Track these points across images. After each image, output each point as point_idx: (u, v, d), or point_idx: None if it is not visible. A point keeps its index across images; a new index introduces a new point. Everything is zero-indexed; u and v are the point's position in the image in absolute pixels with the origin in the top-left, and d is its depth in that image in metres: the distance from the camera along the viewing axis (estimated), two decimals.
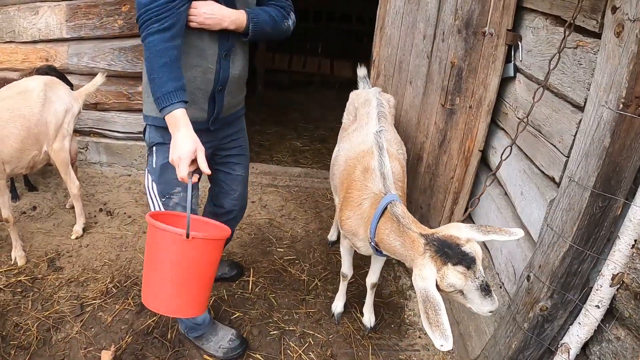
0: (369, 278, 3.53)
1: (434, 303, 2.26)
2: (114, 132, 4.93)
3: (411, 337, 3.62)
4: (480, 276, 2.33)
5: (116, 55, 4.59)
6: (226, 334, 3.39)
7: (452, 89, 3.39)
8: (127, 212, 4.62)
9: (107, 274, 3.88)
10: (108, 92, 4.74)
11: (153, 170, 2.81)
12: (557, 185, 2.45)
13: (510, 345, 2.62)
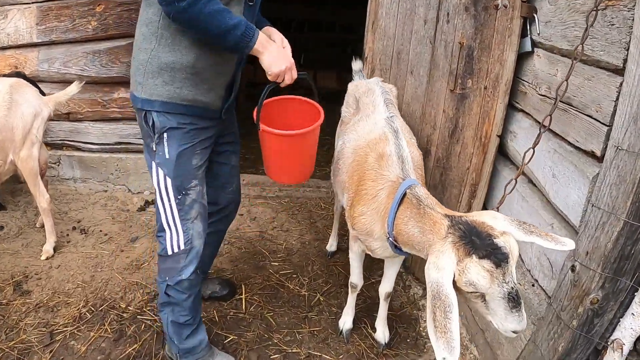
0: (382, 287, 3.00)
1: (445, 302, 1.78)
2: (88, 144, 4.37)
3: (430, 351, 3.08)
4: (510, 282, 1.82)
5: (90, 59, 4.07)
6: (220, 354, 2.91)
7: (462, 71, 2.97)
8: (104, 229, 4.03)
9: (81, 298, 3.29)
10: (81, 101, 4.20)
11: (166, 162, 2.41)
12: (599, 159, 2.12)
13: (556, 348, 2.22)
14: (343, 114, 3.29)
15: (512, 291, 1.84)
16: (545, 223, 2.48)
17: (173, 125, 2.36)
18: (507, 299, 1.84)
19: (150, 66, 2.27)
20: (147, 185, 4.46)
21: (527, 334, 2.51)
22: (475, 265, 1.83)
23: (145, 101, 2.33)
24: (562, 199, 2.37)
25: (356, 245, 2.81)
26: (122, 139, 4.33)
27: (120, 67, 4.08)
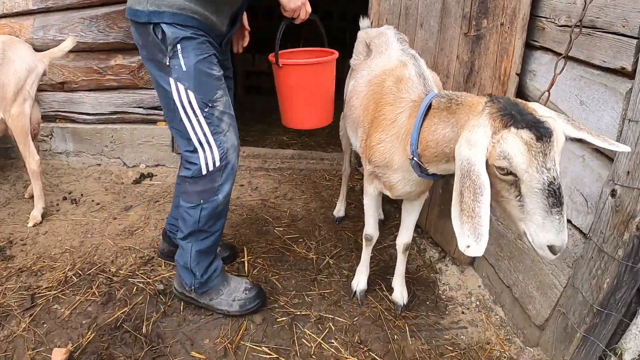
0: (400, 238, 2.66)
1: (476, 183, 1.54)
2: (82, 115, 4.06)
3: (453, 313, 2.73)
4: (553, 169, 1.50)
5: (86, 25, 3.80)
6: (239, 284, 2.69)
7: (477, 13, 2.74)
8: (96, 199, 3.68)
9: (67, 262, 2.94)
10: (76, 69, 3.92)
11: (185, 75, 2.22)
12: (630, 74, 1.93)
13: (600, 286, 2.01)
14: (352, 63, 3.03)
15: (554, 183, 1.51)
16: (575, 156, 2.22)
17: (187, 35, 2.18)
18: (547, 192, 1.51)
19: None
20: (143, 157, 4.15)
21: (563, 280, 2.24)
22: (513, 135, 1.53)
23: (153, 13, 2.13)
24: (593, 125, 2.14)
25: (372, 187, 2.49)
26: (118, 108, 4.02)
27: (118, 32, 3.81)
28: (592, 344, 2.11)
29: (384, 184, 2.38)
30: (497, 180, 1.62)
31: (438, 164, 1.97)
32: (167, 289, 2.75)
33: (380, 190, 2.49)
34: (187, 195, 2.43)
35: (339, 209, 3.59)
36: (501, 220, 2.73)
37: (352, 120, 2.63)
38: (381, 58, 2.60)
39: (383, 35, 2.79)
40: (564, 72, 2.28)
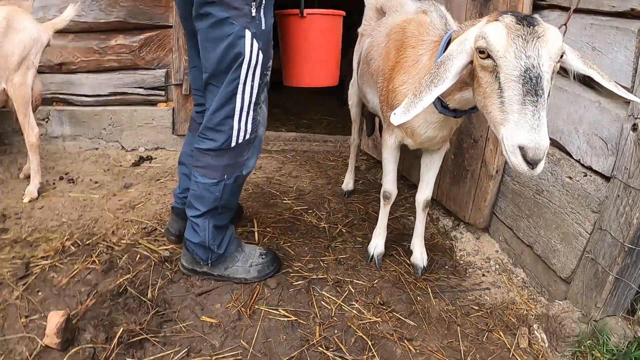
0: (420, 194, 2.47)
1: (440, 72, 1.57)
2: (80, 97, 3.80)
3: (473, 276, 2.53)
4: (533, 57, 1.38)
5: (88, 4, 3.56)
6: (253, 249, 2.48)
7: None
8: (94, 179, 3.40)
9: (65, 233, 2.66)
10: (76, 49, 3.67)
11: (262, 34, 2.04)
12: (639, 16, 1.91)
13: (631, 222, 1.89)
14: (362, 29, 2.88)
15: (532, 70, 1.38)
16: (591, 102, 2.13)
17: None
18: (523, 79, 1.38)
19: None
20: (142, 141, 3.89)
21: (588, 226, 2.09)
22: (496, 22, 1.47)
23: None
24: (607, 67, 2.06)
25: (392, 138, 2.30)
26: (118, 88, 3.78)
27: (120, 11, 3.59)
28: (625, 287, 1.96)
29: (404, 131, 2.20)
30: (480, 70, 1.52)
31: (457, 94, 1.81)
32: (173, 257, 2.49)
33: (400, 141, 2.30)
34: (208, 170, 2.19)
35: (348, 182, 3.39)
36: (516, 179, 2.58)
37: (369, 74, 2.46)
38: (399, 13, 2.47)
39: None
40: (574, 23, 2.24)
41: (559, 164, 2.30)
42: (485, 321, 2.20)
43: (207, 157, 2.17)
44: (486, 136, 2.70)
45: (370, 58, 2.43)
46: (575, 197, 2.18)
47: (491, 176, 2.68)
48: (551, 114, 2.39)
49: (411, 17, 2.23)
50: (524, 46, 1.40)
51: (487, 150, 2.69)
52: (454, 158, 2.92)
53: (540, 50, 1.41)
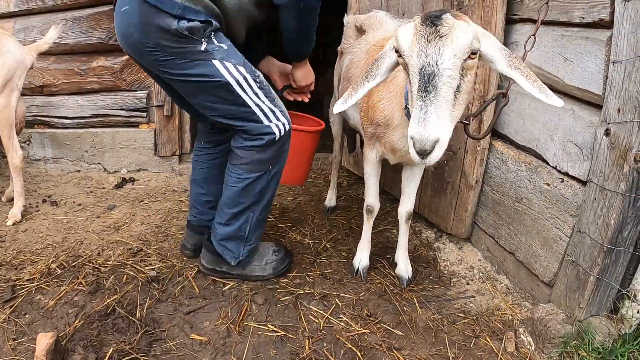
0: (402, 207, 2.50)
1: (373, 69, 1.76)
2: (62, 120, 3.79)
3: (458, 285, 2.57)
4: (432, 57, 1.49)
5: (69, 26, 3.59)
6: (266, 247, 2.60)
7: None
8: (77, 201, 3.37)
9: (51, 256, 2.64)
10: (57, 71, 3.68)
11: (228, 52, 2.12)
12: (609, 24, 1.99)
13: (608, 223, 1.96)
14: (342, 47, 2.95)
15: (427, 68, 1.50)
16: (565, 110, 2.22)
17: (217, 28, 2.12)
18: (419, 76, 1.50)
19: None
20: (124, 162, 3.87)
21: (567, 230, 2.16)
22: (409, 24, 1.59)
23: (187, 9, 2.00)
24: (578, 78, 2.16)
25: (373, 152, 2.35)
26: (99, 110, 3.77)
27: (101, 32, 3.61)
28: (606, 286, 2.02)
29: (385, 145, 2.26)
30: (402, 68, 1.67)
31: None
32: (160, 277, 2.48)
33: (381, 155, 2.36)
34: (252, 165, 2.30)
35: (330, 198, 3.42)
36: (496, 189, 2.64)
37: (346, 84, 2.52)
38: (378, 31, 2.55)
39: (374, 17, 2.76)
40: (546, 35, 2.34)
41: (537, 172, 2.37)
42: (471, 328, 2.23)
43: (252, 152, 2.27)
44: (465, 148, 2.76)
45: (350, 75, 2.49)
46: (553, 202, 2.25)
47: (471, 186, 2.74)
48: (527, 123, 2.47)
49: (391, 35, 2.30)
50: (425, 46, 1.51)
51: (466, 161, 2.75)
52: (434, 170, 2.98)
53: (441, 49, 1.50)
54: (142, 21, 2.01)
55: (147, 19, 2.00)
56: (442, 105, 1.50)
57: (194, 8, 2.00)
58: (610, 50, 1.97)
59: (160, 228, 3.02)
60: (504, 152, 2.60)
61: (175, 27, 1.98)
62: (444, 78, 1.50)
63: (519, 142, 2.53)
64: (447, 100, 1.51)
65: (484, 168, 2.73)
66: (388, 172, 3.47)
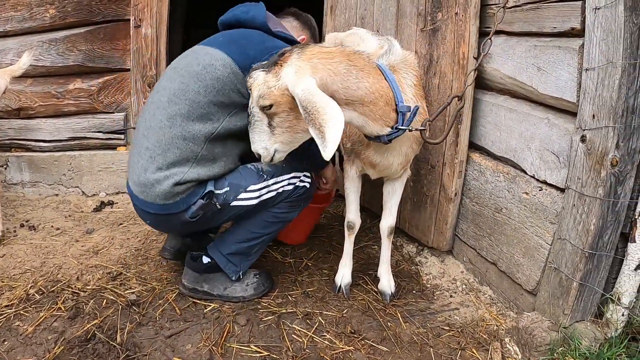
0: (384, 222, 2.51)
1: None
2: (39, 143, 3.73)
3: (441, 298, 2.56)
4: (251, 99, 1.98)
5: (45, 48, 3.56)
6: (248, 270, 2.60)
7: (431, 8, 2.79)
8: (55, 225, 3.30)
9: (29, 281, 2.58)
10: (34, 94, 3.63)
11: (232, 188, 2.32)
12: (580, 32, 2.05)
13: (588, 228, 1.99)
14: None
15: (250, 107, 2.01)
16: (540, 119, 2.27)
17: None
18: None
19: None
20: (102, 185, 3.82)
21: (548, 237, 2.18)
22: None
23: (188, 197, 2.26)
24: (552, 86, 2.20)
25: (353, 168, 2.36)
26: (77, 133, 3.72)
27: (78, 55, 3.59)
28: (590, 291, 2.04)
29: (363, 161, 2.28)
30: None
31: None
32: (141, 300, 2.44)
33: (361, 171, 2.38)
34: (287, 207, 2.49)
35: None
36: (475, 200, 2.66)
37: None
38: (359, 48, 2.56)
39: (355, 34, 2.79)
40: (519, 46, 2.39)
41: (515, 181, 2.40)
42: (457, 340, 2.22)
43: (297, 195, 2.48)
44: (442, 161, 2.78)
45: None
46: (533, 211, 2.27)
47: (450, 199, 2.76)
48: (504, 134, 2.51)
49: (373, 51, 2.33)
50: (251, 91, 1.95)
51: (444, 174, 2.77)
52: (413, 185, 2.99)
53: (252, 93, 1.93)
54: (165, 226, 2.46)
55: (168, 226, 2.45)
56: (257, 131, 2.02)
57: (191, 192, 2.23)
58: (582, 58, 2.01)
59: (139, 251, 2.98)
60: (482, 163, 2.62)
61: (189, 217, 2.25)
62: (255, 115, 2.00)
63: (497, 153, 2.56)
64: (262, 130, 2.00)
65: (462, 180, 2.75)
66: (367, 188, 3.47)
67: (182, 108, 2.19)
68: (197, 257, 2.48)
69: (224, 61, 2.19)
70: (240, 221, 2.46)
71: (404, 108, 2.02)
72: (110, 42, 3.67)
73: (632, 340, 1.95)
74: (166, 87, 2.26)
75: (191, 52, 2.34)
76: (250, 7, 2.42)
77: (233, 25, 2.43)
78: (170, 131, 2.18)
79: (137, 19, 3.59)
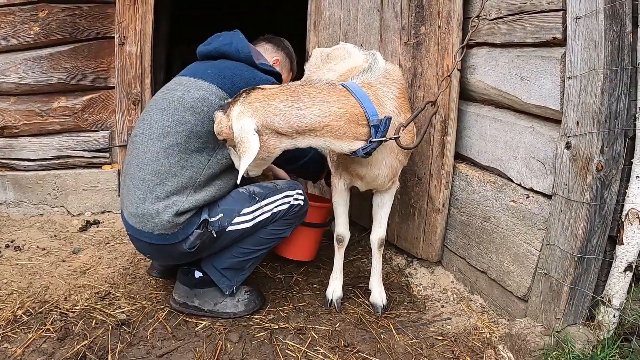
0: (374, 234, 2.53)
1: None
2: (23, 162, 3.68)
3: (433, 308, 2.58)
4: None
5: (29, 66, 3.52)
6: (240, 288, 2.58)
7: (414, 22, 2.84)
8: (41, 245, 3.25)
9: (16, 302, 2.52)
10: (17, 113, 3.58)
11: (226, 213, 2.34)
12: (562, 42, 2.12)
13: (576, 233, 2.03)
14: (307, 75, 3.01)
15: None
16: (525, 128, 2.32)
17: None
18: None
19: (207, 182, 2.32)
20: (87, 204, 3.77)
21: (537, 244, 2.22)
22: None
23: (184, 229, 2.28)
24: (536, 95, 2.26)
25: (341, 181, 2.39)
26: (61, 152, 3.68)
27: (62, 72, 3.56)
28: (581, 294, 2.07)
29: (351, 173, 2.31)
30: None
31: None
32: (131, 319, 2.40)
33: (349, 184, 2.41)
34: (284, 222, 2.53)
35: None
36: (463, 210, 2.69)
37: None
38: (346, 62, 2.63)
39: (342, 49, 2.88)
40: (502, 57, 2.45)
41: (502, 190, 2.43)
42: (450, 349, 2.23)
43: (294, 213, 2.52)
44: (429, 173, 2.81)
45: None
46: (521, 218, 2.30)
47: (438, 210, 2.78)
48: (489, 144, 2.55)
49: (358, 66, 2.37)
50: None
51: (431, 186, 2.80)
52: (400, 197, 3.02)
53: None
54: (162, 256, 2.47)
55: (165, 256, 2.45)
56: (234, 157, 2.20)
57: (189, 222, 2.26)
58: (565, 66, 2.07)
59: (127, 270, 2.94)
60: (469, 173, 2.66)
61: (188, 248, 2.28)
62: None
63: (483, 162, 2.60)
64: (234, 155, 2.17)
65: (449, 191, 2.78)
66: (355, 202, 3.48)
67: (179, 139, 2.23)
68: (189, 272, 2.48)
69: (219, 95, 2.27)
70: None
71: (376, 121, 2.06)
72: (95, 59, 3.65)
73: (625, 341, 1.98)
74: (158, 120, 2.28)
75: (179, 85, 2.36)
76: (232, 38, 2.46)
77: (215, 57, 2.46)
78: (167, 161, 2.21)
79: (121, 37, 3.58)
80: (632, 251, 1.96)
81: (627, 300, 2.00)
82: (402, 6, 2.91)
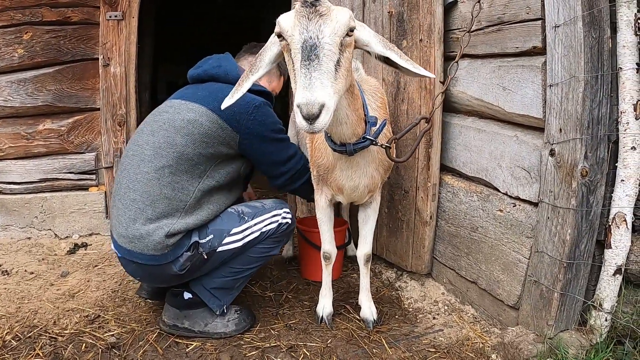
0: (360, 249, 2.54)
1: (256, 63, 1.90)
2: (9, 185, 3.66)
3: (424, 321, 2.58)
4: (314, 31, 1.61)
5: (14, 89, 3.53)
6: (229, 307, 2.57)
7: (396, 36, 2.89)
8: (29, 269, 3.22)
9: (5, 328, 2.49)
10: (3, 135, 3.58)
11: (216, 234, 2.36)
12: (542, 50, 2.16)
13: (564, 239, 2.06)
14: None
15: (310, 41, 1.61)
16: (509, 137, 2.35)
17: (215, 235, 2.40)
18: (302, 49, 1.61)
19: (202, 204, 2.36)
20: (75, 227, 3.74)
21: (525, 252, 2.25)
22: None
23: (174, 249, 2.28)
24: (518, 103, 2.29)
25: (322, 197, 2.41)
26: (47, 174, 3.66)
27: (47, 95, 3.57)
28: (572, 300, 2.09)
29: (331, 186, 2.32)
30: (285, 54, 1.75)
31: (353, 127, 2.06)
32: (121, 342, 2.38)
33: (331, 199, 2.42)
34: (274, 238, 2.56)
35: (287, 249, 3.44)
36: (451, 222, 2.71)
37: (302, 136, 2.57)
38: None
39: None
40: (483, 67, 2.49)
41: (489, 200, 2.46)
42: None
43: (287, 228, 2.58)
44: (416, 186, 2.84)
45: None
46: (508, 227, 2.33)
47: (426, 222, 2.80)
48: (474, 154, 2.58)
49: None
50: (307, 23, 1.61)
51: (418, 198, 2.82)
52: (388, 211, 3.04)
53: (322, 25, 1.62)
54: (152, 278, 2.46)
55: (154, 278, 2.44)
56: (325, 74, 1.59)
57: (178, 244, 2.26)
58: (546, 74, 2.10)
59: (116, 292, 2.92)
60: (455, 184, 2.69)
61: (177, 270, 2.29)
62: (325, 50, 1.61)
63: (468, 173, 2.63)
64: (329, 70, 1.61)
65: (436, 203, 2.81)
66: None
67: (170, 160, 2.25)
68: (178, 294, 2.46)
69: (209, 117, 2.29)
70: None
71: (372, 118, 2.09)
72: (80, 81, 3.67)
73: (618, 344, 2.00)
74: (149, 141, 2.31)
75: (170, 107, 2.39)
76: (220, 61, 2.50)
77: (204, 80, 2.49)
78: (158, 182, 2.23)
79: (105, 58, 3.60)
80: (621, 254, 1.99)
81: (618, 303, 2.02)
82: (384, 21, 2.96)
